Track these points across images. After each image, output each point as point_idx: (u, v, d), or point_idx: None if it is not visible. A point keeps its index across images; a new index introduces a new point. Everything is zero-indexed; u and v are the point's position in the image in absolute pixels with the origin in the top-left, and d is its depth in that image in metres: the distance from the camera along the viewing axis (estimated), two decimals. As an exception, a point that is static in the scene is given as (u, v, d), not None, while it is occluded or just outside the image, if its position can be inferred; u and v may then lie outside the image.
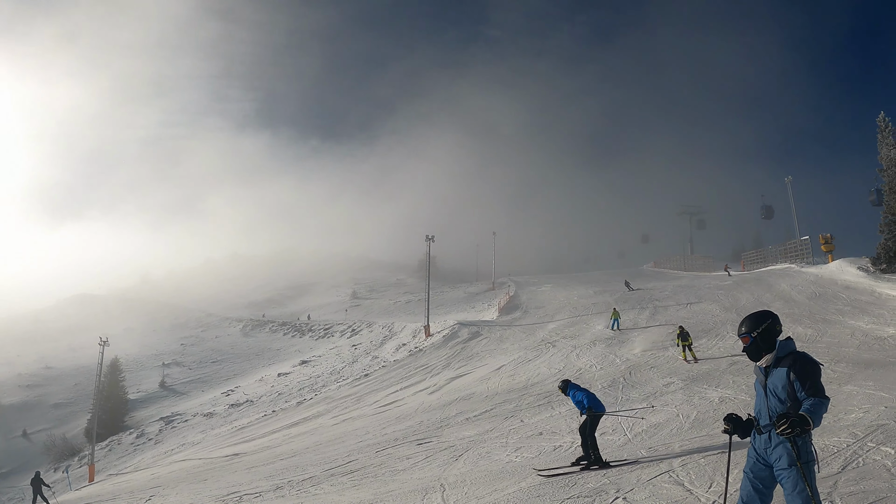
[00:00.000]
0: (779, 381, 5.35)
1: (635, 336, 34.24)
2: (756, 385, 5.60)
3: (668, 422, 14.89)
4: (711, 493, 8.81)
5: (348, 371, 53.10)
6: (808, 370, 5.26)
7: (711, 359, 24.85)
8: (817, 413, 5.04)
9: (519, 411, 22.07)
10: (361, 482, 15.22)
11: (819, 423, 5.05)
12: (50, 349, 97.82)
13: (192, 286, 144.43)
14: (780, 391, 5.32)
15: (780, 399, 5.31)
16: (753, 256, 65.15)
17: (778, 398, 5.33)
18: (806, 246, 51.34)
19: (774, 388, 5.37)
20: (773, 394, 5.37)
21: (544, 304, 57.18)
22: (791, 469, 5.14)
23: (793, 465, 5.14)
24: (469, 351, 42.85)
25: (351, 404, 37.33)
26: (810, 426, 4.97)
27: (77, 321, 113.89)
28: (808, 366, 5.28)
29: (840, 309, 30.67)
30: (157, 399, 73.49)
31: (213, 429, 47.39)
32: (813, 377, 5.23)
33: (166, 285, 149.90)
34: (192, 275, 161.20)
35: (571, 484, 10.60)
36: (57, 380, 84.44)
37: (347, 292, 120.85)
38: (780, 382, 5.33)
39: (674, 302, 42.88)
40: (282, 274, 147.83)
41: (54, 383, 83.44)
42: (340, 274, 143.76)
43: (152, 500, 20.26)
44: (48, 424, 70.38)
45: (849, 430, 10.80)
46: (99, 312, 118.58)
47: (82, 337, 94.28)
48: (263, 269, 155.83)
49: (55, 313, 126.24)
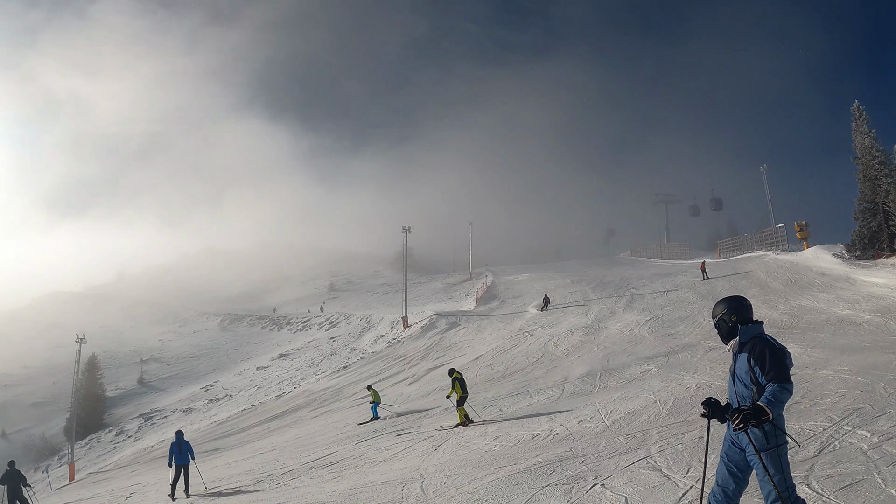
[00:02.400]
0: (742, 366, 5.35)
1: (612, 325, 34.39)
2: (730, 370, 5.61)
3: (645, 408, 14.96)
4: (689, 478, 8.87)
5: (327, 364, 53.03)
6: (768, 355, 5.18)
7: (689, 346, 24.98)
8: (777, 401, 4.97)
9: (498, 400, 22.14)
10: (341, 474, 15.21)
11: (779, 411, 5.02)
12: (26, 348, 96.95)
13: (167, 282, 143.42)
14: (744, 377, 5.32)
15: (745, 384, 5.31)
16: (729, 244, 65.53)
17: (743, 384, 5.32)
18: (781, 233, 51.65)
19: (740, 373, 5.38)
20: (739, 379, 5.37)
21: (522, 293, 57.34)
22: (763, 454, 5.13)
23: (762, 450, 5.12)
24: (447, 341, 42.94)
25: (330, 397, 37.36)
26: (767, 416, 4.91)
27: (53, 319, 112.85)
28: (768, 350, 5.21)
29: (815, 295, 30.93)
30: (135, 396, 73.06)
31: (193, 424, 47.17)
32: (773, 362, 5.14)
33: (141, 281, 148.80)
34: (166, 270, 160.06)
35: (550, 471, 10.64)
36: (34, 378, 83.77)
37: (324, 284, 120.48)
38: (744, 368, 5.32)
39: (650, 290, 43.08)
40: (257, 268, 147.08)
41: (32, 382, 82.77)
42: (317, 267, 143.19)
43: (133, 497, 20.16)
44: (27, 424, 69.85)
45: (825, 414, 10.89)
46: (74, 310, 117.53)
47: (58, 335, 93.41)
48: (238, 264, 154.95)
49: (30, 312, 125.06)
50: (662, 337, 28.17)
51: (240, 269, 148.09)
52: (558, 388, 21.81)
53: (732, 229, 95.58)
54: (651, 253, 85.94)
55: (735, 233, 79.36)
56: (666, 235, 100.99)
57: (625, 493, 8.60)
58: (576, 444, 12.77)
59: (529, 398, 21.17)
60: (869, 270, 34.08)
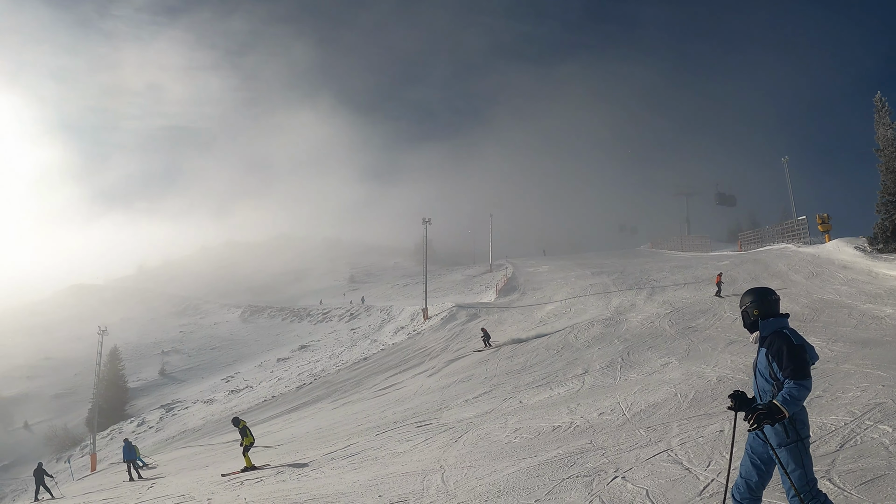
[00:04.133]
0: (761, 361, 5.38)
1: (633, 317, 34.28)
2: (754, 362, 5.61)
3: (665, 401, 14.93)
4: (710, 471, 8.86)
5: (347, 355, 53.14)
6: (784, 351, 5.17)
7: (710, 339, 24.88)
8: (794, 398, 4.97)
9: (518, 392, 22.13)
10: (361, 465, 15.27)
11: (796, 408, 5.01)
12: (48, 340, 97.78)
13: (188, 274, 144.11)
14: (764, 371, 5.33)
15: (765, 379, 5.32)
16: (750, 236, 65.08)
17: (764, 378, 5.34)
18: (803, 226, 51.21)
19: (760, 367, 5.39)
20: (760, 374, 5.38)
21: (542, 285, 57.23)
22: (781, 449, 5.15)
23: (782, 445, 5.14)
24: (467, 333, 42.94)
25: (350, 388, 37.45)
26: (783, 415, 4.93)
27: (74, 312, 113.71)
28: (785, 346, 5.18)
29: (837, 289, 30.68)
30: (157, 387, 73.59)
31: (214, 415, 47.46)
32: (790, 358, 5.12)
33: (162, 274, 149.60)
34: (187, 263, 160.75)
35: (570, 463, 10.65)
36: (56, 370, 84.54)
37: (345, 276, 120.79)
38: (763, 363, 5.34)
39: (671, 282, 42.91)
40: (277, 260, 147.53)
41: (54, 374, 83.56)
42: (336, 259, 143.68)
43: (154, 487, 20.33)
44: (49, 415, 70.53)
45: (846, 409, 10.83)
46: (96, 302, 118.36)
47: (80, 327, 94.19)
48: (258, 256, 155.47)
49: (52, 304, 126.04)
50: (683, 330, 28.03)
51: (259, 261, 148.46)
52: (579, 380, 21.79)
53: (753, 221, 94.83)
54: (671, 245, 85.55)
55: (756, 225, 78.89)
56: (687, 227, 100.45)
57: (646, 486, 8.60)
58: (596, 436, 12.78)
59: (550, 390, 21.16)
60: (891, 264, 33.73)
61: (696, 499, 7.77)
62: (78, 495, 25.10)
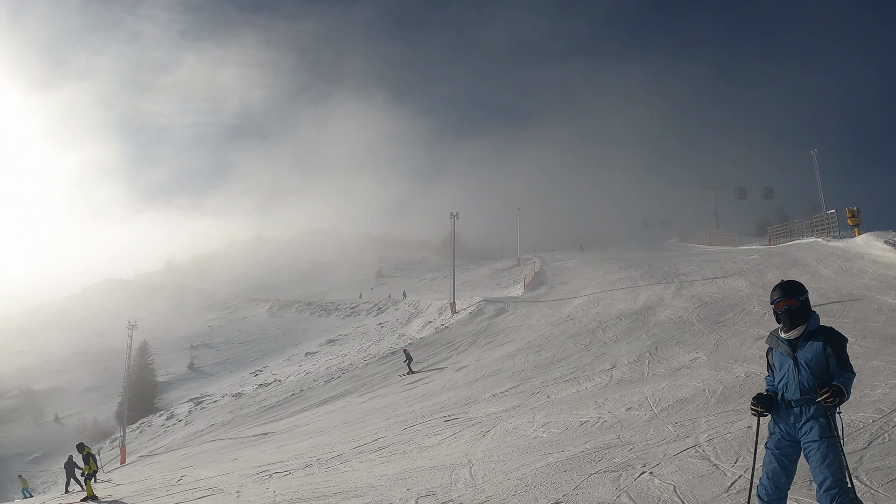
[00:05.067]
0: (812, 354, 5.39)
1: (661, 312, 34.15)
2: (781, 358, 5.60)
3: (694, 397, 14.90)
4: (737, 467, 8.86)
5: (375, 349, 53.37)
6: (843, 346, 5.40)
7: (738, 335, 24.75)
8: (849, 387, 5.17)
9: (546, 387, 22.11)
10: (389, 459, 15.37)
11: (849, 397, 5.18)
12: (78, 335, 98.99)
13: (216, 269, 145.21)
14: (813, 365, 5.36)
15: (813, 373, 5.34)
16: (779, 230, 64.56)
17: (811, 372, 5.36)
18: (832, 219, 50.72)
19: (807, 361, 5.39)
20: (807, 367, 5.39)
21: (570, 279, 57.16)
22: (822, 441, 5.18)
23: (824, 438, 5.18)
24: (495, 327, 42.99)
25: (378, 382, 37.61)
26: (845, 398, 5.12)
27: (104, 307, 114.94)
28: (842, 342, 5.42)
29: (867, 283, 30.34)
30: (186, 381, 74.37)
31: (242, 409, 47.82)
32: (845, 352, 5.37)
33: (191, 269, 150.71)
34: (215, 258, 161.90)
35: (598, 459, 10.68)
36: (86, 365, 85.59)
37: (372, 271, 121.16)
38: (815, 356, 5.37)
39: (699, 277, 42.68)
40: (305, 255, 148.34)
41: (84, 368, 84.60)
42: (364, 253, 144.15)
43: (184, 479, 20.53)
44: (79, 408, 71.47)
45: (875, 406, 10.78)
46: (125, 298, 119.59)
47: (110, 322, 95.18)
48: (286, 251, 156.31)
49: (81, 300, 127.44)
50: (711, 325, 27.87)
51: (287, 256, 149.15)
52: (606, 375, 21.75)
53: (782, 215, 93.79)
54: (700, 239, 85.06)
55: (785, 219, 78.04)
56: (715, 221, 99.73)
57: (673, 482, 8.62)
58: (624, 431, 12.78)
59: (577, 385, 21.14)
60: (923, 258, 33.43)
61: (724, 495, 7.78)
62: (107, 487, 25.40)
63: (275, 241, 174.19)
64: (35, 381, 79.46)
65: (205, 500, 14.42)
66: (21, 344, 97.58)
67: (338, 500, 11.10)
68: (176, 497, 16.09)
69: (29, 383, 78.60)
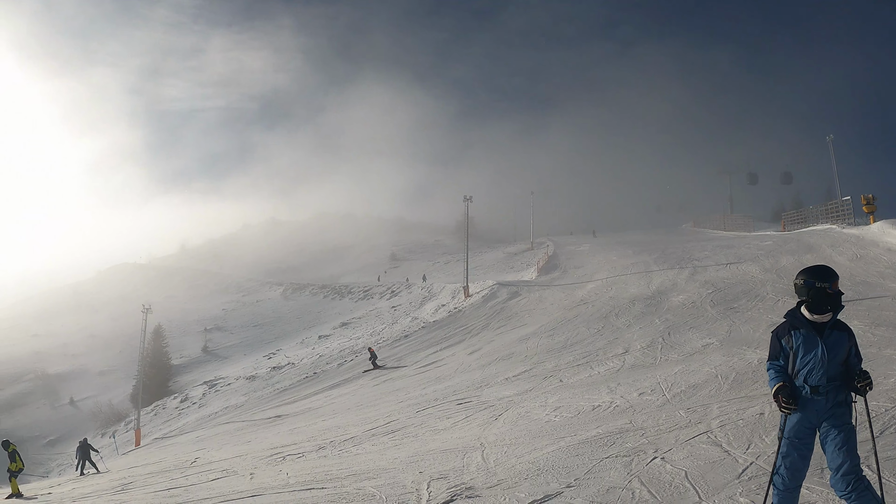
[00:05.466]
0: (840, 344, 5.34)
1: (674, 297, 34.07)
2: (808, 341, 5.41)
3: (706, 382, 14.88)
4: (749, 454, 8.85)
5: (388, 332, 53.48)
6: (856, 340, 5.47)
7: (751, 321, 24.69)
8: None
9: (558, 371, 22.14)
10: (402, 442, 15.44)
11: None
12: (93, 319, 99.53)
13: (229, 253, 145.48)
14: (840, 354, 5.33)
15: (838, 362, 5.32)
16: (794, 217, 64.22)
17: (837, 361, 5.33)
18: (847, 206, 50.32)
19: (836, 350, 5.34)
20: (835, 357, 5.33)
21: (583, 263, 57.09)
22: (846, 427, 5.22)
23: (847, 423, 5.23)
24: (508, 311, 43.03)
25: (391, 365, 37.69)
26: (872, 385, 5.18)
27: (118, 291, 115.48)
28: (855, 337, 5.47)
29: (881, 272, 30.15)
30: (199, 364, 74.73)
31: (256, 391, 48.06)
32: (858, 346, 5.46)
33: (204, 253, 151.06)
34: (229, 242, 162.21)
35: (610, 443, 10.69)
36: (101, 348, 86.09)
37: (386, 254, 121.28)
38: (840, 346, 5.34)
39: (713, 262, 42.53)
40: (318, 238, 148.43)
41: (98, 351, 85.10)
42: (377, 236, 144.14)
43: (197, 461, 20.68)
44: (94, 392, 71.94)
45: (888, 395, 10.73)
46: (139, 282, 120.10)
47: (124, 306, 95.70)
48: (299, 235, 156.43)
49: (96, 284, 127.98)
50: (724, 310, 27.79)
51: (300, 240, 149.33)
52: (619, 359, 21.75)
53: (797, 201, 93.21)
54: (714, 224, 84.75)
55: (800, 205, 77.58)
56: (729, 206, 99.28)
57: (685, 467, 8.63)
58: (636, 416, 12.80)
59: (590, 369, 21.15)
60: (939, 246, 33.25)
61: (735, 481, 7.78)
62: (122, 469, 25.61)
63: (289, 225, 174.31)
64: (50, 365, 79.98)
65: (218, 482, 14.52)
66: (36, 328, 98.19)
67: (350, 483, 11.16)
68: (190, 479, 16.21)
69: (44, 367, 79.11)
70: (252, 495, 11.79)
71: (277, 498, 11.14)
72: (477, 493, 9.08)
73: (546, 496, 8.27)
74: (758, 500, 6.71)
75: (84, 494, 16.98)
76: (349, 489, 10.59)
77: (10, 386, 75.24)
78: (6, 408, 70.49)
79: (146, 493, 15.18)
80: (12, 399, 72.44)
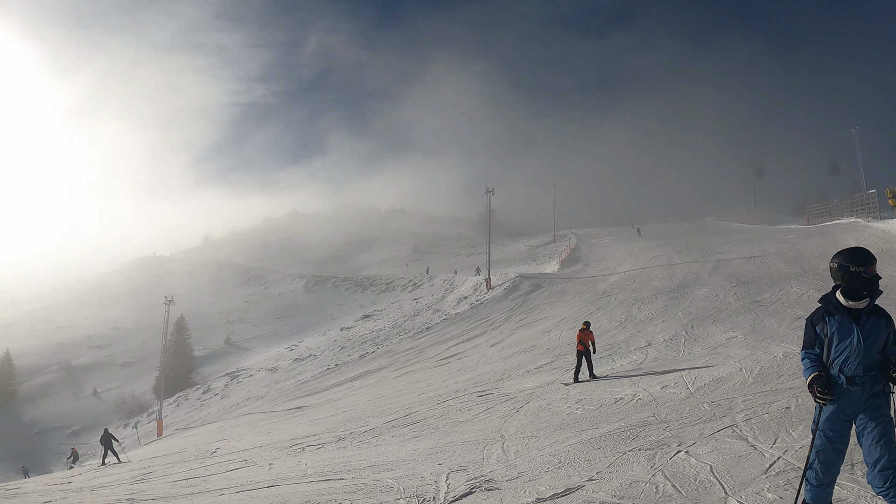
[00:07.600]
0: (877, 331, 5.04)
1: (697, 290, 33.82)
2: (843, 328, 5.12)
3: (730, 376, 14.69)
4: (776, 448, 8.64)
5: (410, 324, 53.45)
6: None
7: (776, 314, 24.44)
8: None
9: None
10: (422, 433, 15.36)
11: None
12: (117, 311, 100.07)
13: (252, 245, 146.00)
14: (878, 342, 5.04)
15: (876, 350, 5.04)
16: (818, 210, 63.63)
17: (876, 349, 5.04)
18: (873, 200, 49.72)
19: (874, 338, 5.05)
20: (873, 344, 5.04)
21: (605, 256, 56.84)
22: (884, 419, 4.95)
23: (886, 416, 4.95)
24: (530, 304, 42.88)
25: (412, 357, 37.68)
26: None
27: (142, 283, 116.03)
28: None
29: (907, 265, 29.82)
30: (222, 355, 75.01)
31: (277, 383, 48.23)
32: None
33: (227, 245, 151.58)
34: (252, 234, 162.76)
35: (633, 436, 10.54)
36: (125, 340, 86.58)
37: (408, 247, 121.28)
38: (878, 333, 5.03)
39: (736, 255, 42.20)
40: (340, 231, 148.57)
41: (122, 343, 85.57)
42: (400, 229, 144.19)
43: (218, 451, 20.70)
44: (117, 383, 72.36)
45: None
46: (163, 274, 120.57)
47: (148, 298, 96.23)
48: (322, 227, 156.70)
49: (120, 276, 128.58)
50: (748, 304, 27.55)
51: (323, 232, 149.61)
52: (642, 352, 21.60)
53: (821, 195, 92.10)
54: (737, 217, 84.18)
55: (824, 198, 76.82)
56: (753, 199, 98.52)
57: (710, 462, 8.43)
58: (659, 409, 12.63)
59: (612, 362, 21.02)
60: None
61: (762, 476, 7.58)
62: (144, 459, 25.70)
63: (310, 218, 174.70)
64: (74, 357, 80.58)
65: (237, 472, 14.49)
66: (61, 320, 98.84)
67: (369, 474, 11.06)
68: (209, 469, 16.21)
69: (69, 358, 79.71)
70: (270, 485, 11.72)
71: (295, 488, 11.05)
72: (496, 485, 8.93)
73: (567, 489, 8.11)
74: (786, 497, 6.54)
75: (104, 484, 16.98)
76: (367, 480, 10.49)
77: (35, 377, 75.82)
78: (31, 398, 71.12)
79: (165, 483, 15.16)
80: (37, 390, 73.00)
